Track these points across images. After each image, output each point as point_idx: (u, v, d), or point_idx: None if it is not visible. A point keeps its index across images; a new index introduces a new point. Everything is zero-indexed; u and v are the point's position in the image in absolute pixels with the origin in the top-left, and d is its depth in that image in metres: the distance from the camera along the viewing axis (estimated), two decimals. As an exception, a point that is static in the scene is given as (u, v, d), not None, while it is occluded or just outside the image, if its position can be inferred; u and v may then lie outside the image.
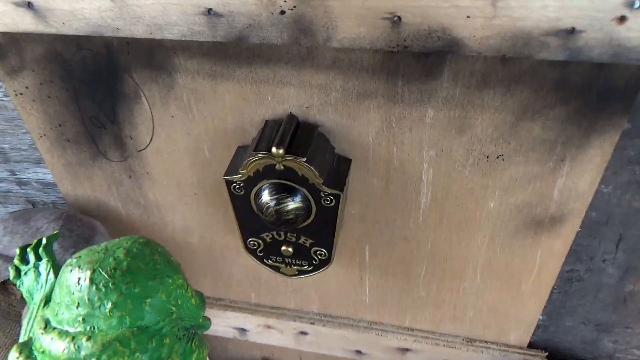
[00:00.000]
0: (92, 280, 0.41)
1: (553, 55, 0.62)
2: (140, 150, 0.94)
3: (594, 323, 1.05)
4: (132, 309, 0.41)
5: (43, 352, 0.41)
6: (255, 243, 0.90)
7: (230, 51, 0.75)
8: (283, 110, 0.80)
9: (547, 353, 1.11)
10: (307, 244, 0.88)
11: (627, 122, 0.71)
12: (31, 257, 0.62)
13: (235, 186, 0.81)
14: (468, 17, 0.60)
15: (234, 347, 1.41)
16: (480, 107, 0.73)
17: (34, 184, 1.11)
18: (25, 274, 0.61)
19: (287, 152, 0.74)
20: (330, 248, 0.88)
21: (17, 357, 0.43)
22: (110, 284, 0.41)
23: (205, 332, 0.47)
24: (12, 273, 0.64)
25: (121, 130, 0.91)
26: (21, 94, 0.89)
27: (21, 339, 0.53)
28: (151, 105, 0.85)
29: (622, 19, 0.57)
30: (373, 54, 0.70)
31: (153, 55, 0.78)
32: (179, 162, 0.94)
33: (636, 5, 0.56)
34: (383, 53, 0.70)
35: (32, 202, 1.15)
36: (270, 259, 0.93)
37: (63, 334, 0.41)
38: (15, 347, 0.44)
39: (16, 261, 0.62)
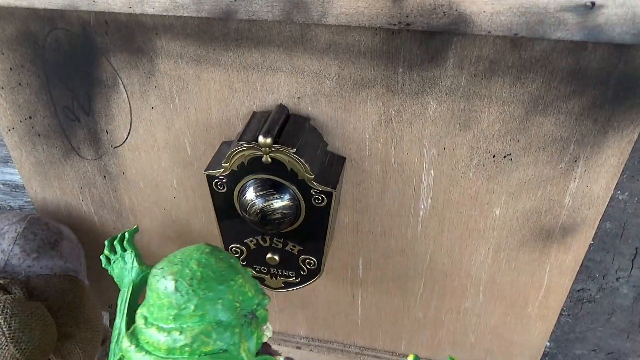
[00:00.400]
0: (176, 289, 0.52)
1: (570, 34, 0.56)
2: (117, 147, 0.86)
3: (605, 351, 0.96)
4: (209, 309, 0.52)
5: (147, 342, 0.53)
6: (238, 250, 0.82)
7: (217, 33, 0.69)
8: (272, 100, 0.74)
9: (555, 384, 1.02)
10: (295, 251, 0.79)
11: (647, 118, 0.66)
12: (118, 248, 0.79)
13: (217, 182, 0.73)
14: (477, -11, 0.55)
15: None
16: (487, 99, 0.67)
17: (0, 186, 1.02)
18: (114, 262, 0.79)
19: (275, 143, 0.67)
20: (320, 256, 0.79)
21: (130, 345, 0.54)
22: (190, 291, 0.52)
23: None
24: (104, 261, 0.79)
25: (96, 124, 0.84)
26: (-11, 81, 0.82)
27: (118, 317, 0.74)
28: (130, 94, 0.79)
29: (646, -8, 0.52)
30: (372, 36, 0.64)
31: (133, 37, 0.72)
32: (157, 160, 0.86)
33: (662, -23, 0.51)
34: (383, 35, 0.64)
35: (-3, 206, 1.07)
36: (254, 268, 0.84)
37: (160, 329, 0.53)
38: (126, 337, 0.56)
39: (106, 252, 0.79)
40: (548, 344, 0.97)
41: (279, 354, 0.67)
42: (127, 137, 0.84)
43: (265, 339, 0.60)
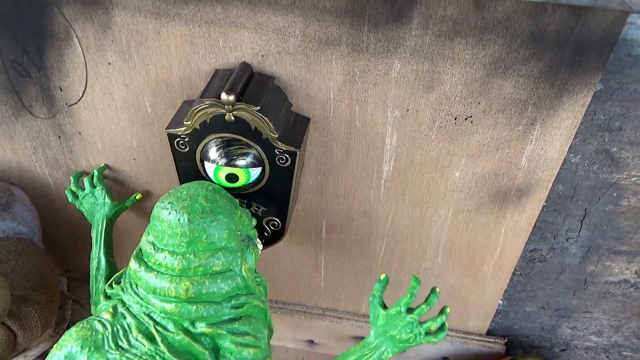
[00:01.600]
0: (190, 221, 0.60)
1: (531, -5, 0.57)
2: (72, 105, 0.82)
3: (554, 308, 1.02)
4: (217, 237, 0.62)
5: (159, 264, 0.61)
6: (200, 211, 0.81)
7: (177, -16, 0.66)
8: (235, 58, 0.72)
9: (506, 340, 1.07)
10: (259, 213, 0.79)
11: (600, 82, 0.68)
12: (87, 184, 0.87)
13: (179, 141, 0.72)
14: (443, -55, 0.55)
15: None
16: (451, 60, 0.68)
17: (-55, 146, 0.96)
18: (83, 197, 0.88)
19: (238, 100, 0.66)
20: (284, 218, 0.80)
21: (140, 267, 0.62)
22: (202, 223, 0.61)
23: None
24: (70, 196, 0.88)
25: (49, 80, 0.80)
26: None
27: (95, 248, 0.84)
28: (84, 48, 0.75)
29: (604, -46, 0.53)
30: (337, -8, 0.64)
31: (87, -14, 0.68)
32: (115, 120, 0.83)
33: (620, -61, 0.52)
34: (348, -9, 0.63)
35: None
36: (217, 230, 0.83)
37: (173, 253, 0.61)
38: (132, 260, 0.63)
39: (73, 187, 0.88)
40: (501, 302, 1.02)
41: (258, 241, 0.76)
42: (82, 95, 0.81)
43: (258, 253, 0.71)
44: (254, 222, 0.69)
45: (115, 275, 0.70)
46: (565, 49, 0.64)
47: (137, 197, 0.90)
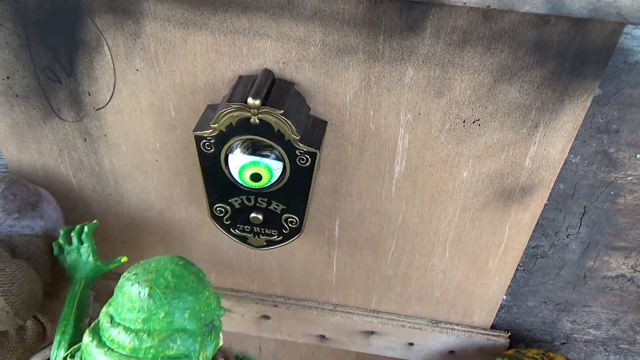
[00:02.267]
0: (149, 295, 0.57)
1: (536, 7, 0.62)
2: (99, 109, 0.87)
3: (554, 302, 1.07)
4: (177, 317, 0.58)
5: (112, 340, 0.57)
6: (223, 210, 0.85)
7: (206, -4, 0.71)
8: (258, 65, 0.77)
9: (509, 334, 1.12)
10: (278, 210, 0.84)
11: (598, 87, 0.73)
12: (75, 239, 0.86)
13: (205, 143, 0.76)
14: (456, -37, 0.60)
15: (188, 338, 1.33)
16: (460, 67, 0.73)
17: (-28, 148, 1.00)
18: (68, 253, 0.86)
19: (263, 105, 0.70)
20: (302, 215, 0.84)
21: (92, 341, 0.58)
22: (163, 299, 0.58)
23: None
24: (56, 249, 0.85)
25: (78, 85, 0.84)
26: (-36, 39, 0.80)
27: (67, 308, 0.80)
28: (114, 56, 0.79)
29: (603, -29, 0.58)
30: (356, 4, 0.68)
31: (120, -2, 0.73)
32: (140, 123, 0.87)
33: (617, -42, 0.57)
34: (366, 4, 0.68)
35: (-32, 170, 1.05)
36: (238, 228, 0.88)
37: (127, 329, 0.57)
38: (87, 333, 0.60)
39: (61, 240, 0.86)
40: (504, 297, 1.07)
41: None
42: (109, 99, 0.85)
43: (219, 344, 0.65)
44: (223, 311, 0.65)
45: (73, 347, 0.68)
46: (567, 57, 0.69)
47: (122, 260, 0.87)
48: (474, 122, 0.78)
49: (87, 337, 0.59)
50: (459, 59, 0.72)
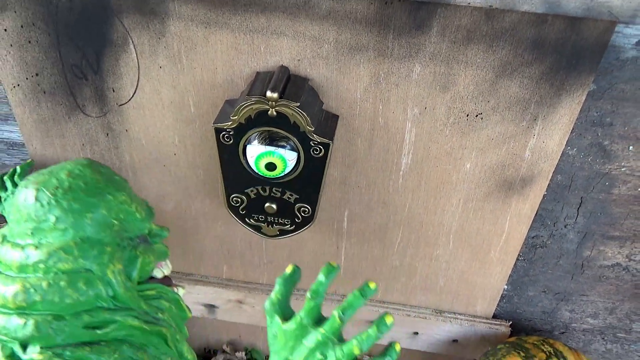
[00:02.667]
0: (36, 198, 0.48)
1: (534, 7, 0.68)
2: (122, 105, 0.92)
3: (554, 292, 1.11)
4: (73, 223, 0.48)
5: (1, 262, 0.48)
6: (239, 199, 0.90)
7: (228, -3, 0.76)
8: (274, 62, 0.82)
9: (510, 323, 1.17)
10: (292, 200, 0.88)
11: (593, 82, 0.79)
12: (9, 185, 0.75)
13: (224, 134, 0.81)
14: (461, -34, 0.65)
15: (199, 330, 1.37)
16: (464, 64, 0.78)
17: (-3, 143, 1.05)
18: (5, 200, 0.73)
19: (280, 98, 0.75)
20: (314, 204, 0.89)
21: None
22: (52, 201, 0.48)
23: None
24: None
25: (104, 82, 0.89)
26: (-2, 38, 0.85)
27: None
28: (139, 54, 0.85)
29: (595, -26, 0.64)
30: (368, 5, 0.74)
31: (147, 0, 0.78)
32: (161, 118, 0.92)
33: (608, -38, 0.63)
34: (377, 4, 0.74)
35: (-8, 165, 1.09)
36: (252, 217, 0.92)
37: (15, 245, 0.48)
38: None
39: None
40: (505, 286, 1.11)
41: (180, 287, 0.63)
42: (133, 95, 0.90)
43: (159, 274, 0.56)
44: (165, 232, 0.56)
45: None
46: (563, 54, 0.75)
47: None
48: (476, 115, 0.84)
49: None
50: (463, 56, 0.77)
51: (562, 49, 0.74)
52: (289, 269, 0.52)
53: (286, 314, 0.51)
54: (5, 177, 0.75)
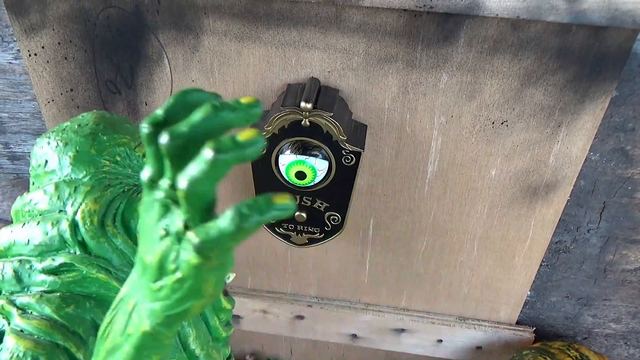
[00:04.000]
0: (37, 143, 0.48)
1: (560, 17, 0.70)
2: (153, 118, 0.94)
3: (576, 297, 1.12)
4: (59, 163, 0.46)
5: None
6: (269, 209, 0.92)
7: (261, 13, 0.79)
8: (305, 74, 0.85)
9: (534, 328, 1.17)
10: (322, 208, 0.90)
11: (615, 89, 0.81)
12: None
13: (257, 145, 0.83)
14: (490, -21, 0.68)
15: (221, 342, 1.37)
16: (490, 73, 0.80)
17: (28, 158, 1.07)
18: None
19: (313, 108, 0.78)
20: (344, 212, 0.91)
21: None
22: (45, 143, 0.47)
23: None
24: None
25: (137, 96, 0.92)
26: (35, 55, 0.88)
27: None
28: (173, 68, 0.87)
29: (620, -16, 0.66)
30: (397, 18, 0.77)
31: (183, 16, 0.81)
32: (192, 130, 0.95)
33: (632, -27, 0.65)
34: (406, 17, 0.76)
35: (21, 179, 1.11)
36: (282, 226, 0.94)
37: (25, 195, 0.48)
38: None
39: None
40: (529, 292, 1.13)
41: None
42: (165, 109, 0.92)
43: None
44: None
45: None
46: (587, 61, 0.77)
47: None
48: (502, 123, 0.86)
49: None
50: (489, 65, 0.80)
51: (586, 57, 0.77)
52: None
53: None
54: None
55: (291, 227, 0.94)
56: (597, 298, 1.12)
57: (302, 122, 0.79)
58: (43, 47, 0.87)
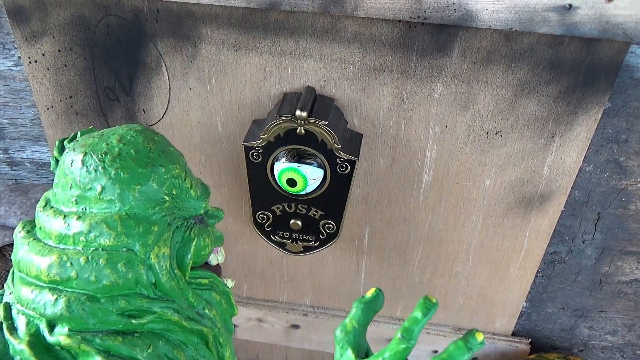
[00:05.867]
0: (83, 163, 0.43)
1: (552, 29, 0.71)
2: (152, 125, 0.95)
3: (572, 308, 1.12)
4: (120, 194, 0.43)
5: (40, 228, 0.44)
6: (265, 216, 0.92)
7: (258, 22, 0.80)
8: (301, 83, 0.86)
9: (530, 340, 1.17)
10: (317, 217, 0.91)
11: (608, 100, 0.82)
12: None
13: (253, 153, 0.84)
14: (483, -9, 0.69)
15: (216, 351, 1.37)
16: (484, 83, 0.81)
17: (27, 164, 1.08)
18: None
19: (308, 117, 0.78)
20: (339, 221, 0.91)
21: (20, 231, 0.46)
22: (99, 168, 0.43)
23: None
24: (52, 164, 0.68)
25: (135, 103, 0.93)
26: (36, 62, 0.89)
27: None
28: (171, 76, 0.88)
29: (610, -3, 0.68)
30: (392, 28, 0.78)
31: (181, 24, 0.82)
32: (189, 138, 0.96)
33: (622, -14, 0.67)
34: (401, 27, 0.77)
35: (19, 185, 1.12)
36: (277, 234, 0.95)
37: (58, 212, 0.44)
38: (20, 223, 0.47)
39: (55, 153, 0.64)
40: (524, 304, 1.12)
41: (229, 279, 0.59)
42: (163, 116, 0.94)
43: (214, 261, 0.52)
44: (220, 214, 0.50)
45: None
46: (580, 73, 0.78)
47: None
48: (496, 133, 0.86)
49: (18, 228, 0.47)
50: (483, 76, 0.81)
51: (579, 69, 0.78)
52: (370, 292, 0.43)
53: (360, 348, 0.41)
54: (65, 142, 0.73)
55: (286, 235, 0.95)
56: (593, 310, 1.12)
57: (298, 131, 0.80)
58: (44, 55, 0.88)
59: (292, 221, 0.92)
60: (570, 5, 0.69)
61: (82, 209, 0.43)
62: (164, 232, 0.44)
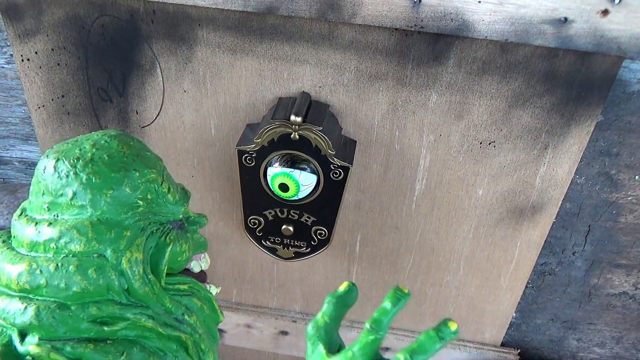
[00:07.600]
0: (55, 169, 0.43)
1: (547, 42, 0.72)
2: (144, 127, 0.94)
3: (561, 320, 1.12)
4: (92, 199, 0.42)
5: (14, 237, 0.44)
6: (256, 221, 0.92)
7: (255, 26, 0.80)
8: (296, 89, 0.85)
9: (519, 351, 1.17)
10: (309, 222, 0.90)
11: (600, 114, 0.82)
12: None
13: (247, 157, 0.83)
14: (479, 1, 0.70)
15: (203, 356, 1.35)
16: (479, 94, 0.82)
17: (16, 163, 1.07)
18: None
19: (303, 122, 0.78)
20: (331, 227, 0.91)
21: None
22: (71, 173, 0.42)
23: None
24: None
25: (128, 104, 0.92)
26: (28, 60, 0.88)
27: None
28: (165, 78, 0.88)
29: (605, 12, 0.68)
30: (389, 36, 0.78)
31: (177, 26, 0.82)
32: (182, 140, 0.95)
33: (616, 1, 0.67)
34: (398, 36, 0.78)
35: (7, 184, 1.10)
36: (269, 239, 0.94)
37: (30, 220, 0.43)
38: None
39: None
40: (514, 314, 1.12)
41: (213, 285, 0.58)
42: (156, 118, 0.93)
43: (197, 268, 0.51)
44: (204, 220, 0.50)
45: None
46: (573, 86, 0.79)
47: None
48: (489, 143, 0.87)
49: None
50: (477, 86, 0.81)
51: (572, 82, 0.78)
52: (343, 287, 0.42)
53: (332, 344, 0.41)
54: None
55: (278, 240, 0.94)
56: (582, 322, 1.12)
57: (292, 136, 0.79)
58: (36, 53, 0.87)
59: (283, 227, 0.91)
60: (566, 19, 0.69)
61: (54, 215, 0.42)
62: (136, 237, 0.44)
